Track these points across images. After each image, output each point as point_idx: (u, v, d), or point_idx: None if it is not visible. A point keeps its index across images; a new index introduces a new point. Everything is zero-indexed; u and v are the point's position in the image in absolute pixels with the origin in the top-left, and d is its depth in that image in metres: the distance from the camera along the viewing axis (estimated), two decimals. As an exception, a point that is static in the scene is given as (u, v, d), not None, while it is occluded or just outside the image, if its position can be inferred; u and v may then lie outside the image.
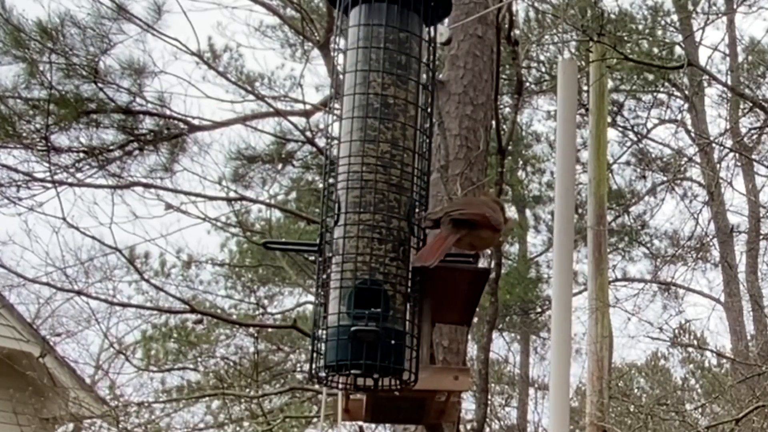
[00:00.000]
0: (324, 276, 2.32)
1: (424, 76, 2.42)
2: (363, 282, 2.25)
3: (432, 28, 2.46)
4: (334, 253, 2.29)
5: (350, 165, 2.32)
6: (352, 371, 2.24)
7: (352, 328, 2.21)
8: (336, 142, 2.37)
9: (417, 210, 2.35)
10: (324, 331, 2.27)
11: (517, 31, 9.24)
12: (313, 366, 2.29)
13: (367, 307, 2.23)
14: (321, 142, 9.42)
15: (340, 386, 2.34)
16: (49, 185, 7.10)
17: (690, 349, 13.23)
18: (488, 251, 5.08)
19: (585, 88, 10.93)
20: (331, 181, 2.37)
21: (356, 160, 2.32)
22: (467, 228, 2.39)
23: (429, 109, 2.44)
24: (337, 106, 2.41)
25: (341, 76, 2.41)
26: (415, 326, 2.30)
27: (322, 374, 2.29)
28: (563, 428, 2.96)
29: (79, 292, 8.57)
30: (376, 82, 2.35)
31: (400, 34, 2.39)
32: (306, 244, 2.51)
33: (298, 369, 13.51)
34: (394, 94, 2.36)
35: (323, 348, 2.27)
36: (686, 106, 15.53)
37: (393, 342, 2.24)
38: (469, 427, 9.74)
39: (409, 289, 2.29)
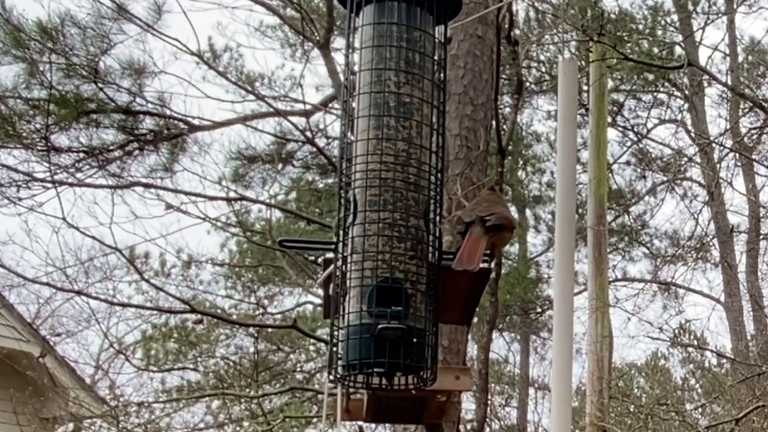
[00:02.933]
0: (339, 274, 2.30)
1: (437, 74, 2.41)
2: (384, 280, 2.24)
3: (443, 27, 2.45)
4: (352, 252, 2.28)
5: (368, 163, 2.31)
6: (375, 370, 2.23)
7: (379, 326, 2.19)
8: (347, 140, 2.37)
9: (433, 208, 2.34)
10: (342, 330, 2.26)
11: (517, 31, 9.23)
12: (332, 364, 2.27)
13: (388, 305, 2.22)
14: (321, 142, 9.44)
15: (357, 385, 2.33)
16: (49, 185, 7.09)
17: (690, 349, 13.20)
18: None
19: (585, 88, 10.91)
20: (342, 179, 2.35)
21: (374, 159, 2.31)
22: (497, 231, 2.49)
23: (441, 107, 2.43)
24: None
25: (353, 75, 2.39)
26: (432, 324, 2.30)
27: (340, 373, 2.27)
28: (565, 428, 2.95)
29: (79, 292, 8.58)
30: (392, 81, 2.35)
31: (414, 33, 2.38)
32: (322, 242, 2.49)
33: (298, 369, 13.52)
34: (409, 93, 2.35)
35: (341, 347, 2.25)
36: (686, 106, 15.52)
37: (415, 340, 2.24)
38: (469, 427, 9.75)
39: (425, 287, 2.29)
